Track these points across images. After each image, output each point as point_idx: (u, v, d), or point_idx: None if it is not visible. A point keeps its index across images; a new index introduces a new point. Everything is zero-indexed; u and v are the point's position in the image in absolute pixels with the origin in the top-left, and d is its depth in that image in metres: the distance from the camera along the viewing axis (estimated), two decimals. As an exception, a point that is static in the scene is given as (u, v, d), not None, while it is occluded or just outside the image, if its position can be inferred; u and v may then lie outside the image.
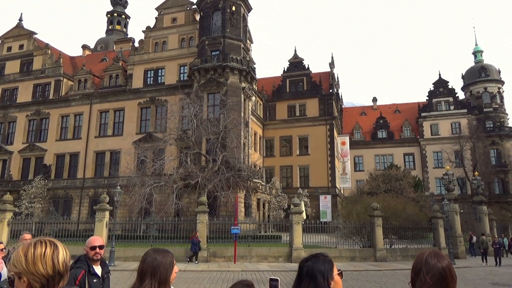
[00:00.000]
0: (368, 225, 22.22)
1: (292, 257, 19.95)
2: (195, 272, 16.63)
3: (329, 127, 49.51)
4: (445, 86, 60.47)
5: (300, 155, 49.40)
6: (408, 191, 35.42)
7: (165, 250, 2.37)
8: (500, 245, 22.07)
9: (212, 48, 37.09)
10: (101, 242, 4.11)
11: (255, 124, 46.72)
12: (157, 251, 2.34)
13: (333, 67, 55.22)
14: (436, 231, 23.94)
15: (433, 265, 2.04)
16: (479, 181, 30.18)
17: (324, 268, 2.06)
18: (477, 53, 63.93)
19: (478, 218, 27.91)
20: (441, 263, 2.05)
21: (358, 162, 60.64)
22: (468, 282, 15.25)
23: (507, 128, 56.83)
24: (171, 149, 32.92)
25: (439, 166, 53.93)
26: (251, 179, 31.79)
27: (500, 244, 22.16)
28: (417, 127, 60.08)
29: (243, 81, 36.57)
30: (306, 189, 42.78)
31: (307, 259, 2.15)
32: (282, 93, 52.82)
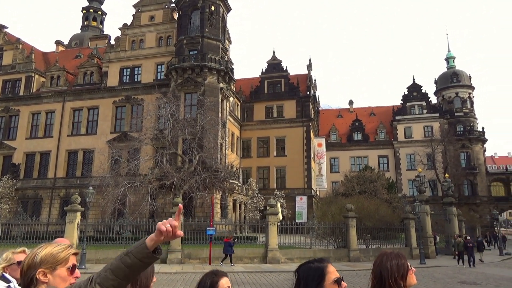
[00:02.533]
0: (342, 226, 22.54)
1: (267, 258, 19.98)
2: (169, 274, 16.39)
3: (306, 129, 49.96)
4: (419, 91, 62.15)
5: (277, 156, 49.62)
6: (381, 192, 36.15)
7: None
8: (473, 245, 22.10)
9: (190, 47, 36.76)
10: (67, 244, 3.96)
11: (232, 125, 46.59)
12: None
13: (310, 69, 55.80)
14: (408, 231, 24.54)
15: (377, 265, 2.15)
16: (449, 183, 31.13)
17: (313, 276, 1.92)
18: (450, 59, 66.03)
19: (448, 219, 28.77)
20: (386, 263, 2.13)
21: (334, 163, 61.49)
22: (437, 281, 15.68)
23: (477, 132, 58.93)
24: (147, 149, 32.40)
25: (412, 168, 55.30)
26: (227, 180, 31.67)
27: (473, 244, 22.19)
28: (391, 130, 61.46)
29: (221, 81, 36.42)
30: (282, 190, 42.97)
31: (302, 265, 2.03)
32: (260, 94, 52.94)
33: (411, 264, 2.22)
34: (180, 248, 19.57)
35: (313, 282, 1.90)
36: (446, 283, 15.05)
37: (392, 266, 2.14)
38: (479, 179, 56.85)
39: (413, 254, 23.69)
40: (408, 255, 23.91)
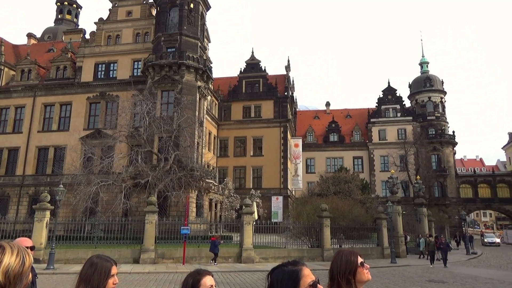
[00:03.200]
0: (316, 225, 22.80)
1: (242, 257, 19.98)
2: (141, 274, 16.13)
3: (283, 129, 50.28)
4: (393, 94, 63.68)
5: (254, 156, 49.72)
6: (356, 193, 36.86)
7: (107, 258, 2.34)
8: (446, 245, 22.38)
9: (168, 44, 36.32)
10: (29, 243, 3.84)
11: (209, 124, 46.35)
12: (99, 257, 2.33)
13: (289, 70, 56.16)
14: (380, 231, 25.07)
15: (331, 263, 2.26)
16: (421, 184, 32.01)
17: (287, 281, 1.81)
18: (423, 64, 67.94)
19: (418, 219, 29.60)
20: (337, 261, 2.22)
21: (310, 164, 62.14)
22: (407, 279, 16.09)
23: (447, 135, 60.90)
24: (121, 146, 31.77)
25: (386, 169, 56.58)
26: (203, 179, 31.46)
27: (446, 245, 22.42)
28: (366, 132, 62.69)
29: (199, 79, 36.15)
30: (258, 190, 43.11)
31: (275, 268, 1.92)
32: (238, 94, 52.91)
33: (364, 261, 2.25)
34: (154, 247, 19.29)
35: (288, 286, 1.80)
36: (415, 282, 15.46)
37: (341, 263, 2.19)
38: (449, 181, 58.79)
39: (384, 254, 24.23)
40: (379, 254, 24.49)
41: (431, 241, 23.00)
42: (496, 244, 45.07)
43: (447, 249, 21.87)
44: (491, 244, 44.79)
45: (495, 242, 45.63)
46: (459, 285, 14.81)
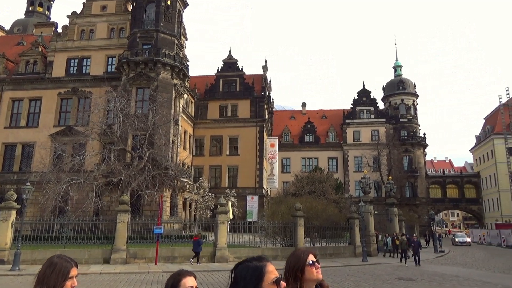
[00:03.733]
0: (291, 225, 22.99)
1: (216, 257, 19.92)
2: (112, 274, 15.80)
3: (259, 129, 50.41)
4: (368, 96, 65.02)
5: (229, 155, 49.62)
6: (330, 193, 37.40)
7: (67, 259, 2.27)
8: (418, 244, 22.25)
9: (144, 41, 35.72)
10: None
11: (185, 122, 45.92)
12: (60, 257, 2.27)
13: (266, 70, 56.38)
14: (352, 230, 25.57)
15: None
16: (392, 184, 32.85)
17: (251, 276, 1.81)
18: (397, 67, 69.72)
19: (389, 218, 30.36)
20: (288, 259, 2.29)
21: (285, 164, 62.63)
22: (377, 277, 16.48)
23: (419, 137, 62.76)
24: (93, 144, 31.01)
25: (359, 170, 57.68)
26: (178, 178, 31.13)
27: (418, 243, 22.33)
28: (341, 132, 63.74)
29: (175, 77, 35.75)
30: (234, 189, 43.03)
31: (239, 263, 1.92)
32: (215, 93, 52.66)
33: (318, 261, 2.26)
34: (125, 247, 18.94)
35: (251, 282, 1.79)
36: (385, 280, 15.85)
37: (292, 260, 2.24)
38: (419, 181, 60.61)
39: (356, 252, 24.73)
40: (352, 253, 24.96)
41: (404, 240, 23.10)
42: (467, 244, 43.78)
43: (419, 248, 22.05)
44: (462, 243, 43.43)
45: (466, 241, 44.23)
46: (426, 282, 15.29)
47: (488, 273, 18.89)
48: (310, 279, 2.21)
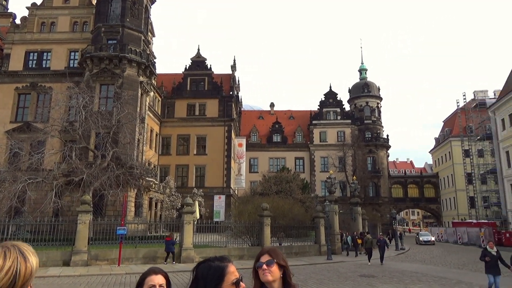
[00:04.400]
0: (257, 224, 23.05)
1: (181, 257, 19.63)
2: (72, 277, 15.20)
3: (227, 128, 50.25)
4: (334, 98, 66.41)
5: (197, 154, 49.13)
6: (296, 192, 37.86)
7: None
8: (384, 243, 22.48)
9: (109, 36, 34.66)
10: None
11: (152, 121, 45.00)
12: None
13: (234, 70, 56.29)
14: (317, 229, 26.00)
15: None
16: (356, 184, 33.72)
17: (212, 276, 1.81)
18: (362, 70, 71.69)
19: (353, 217, 31.14)
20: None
21: (253, 163, 62.83)
22: (340, 275, 16.84)
23: (382, 139, 64.84)
24: (53, 142, 29.72)
25: (325, 170, 58.79)
26: (143, 178, 30.44)
27: (384, 242, 22.57)
28: (308, 133, 64.72)
29: (141, 74, 34.93)
30: (201, 189, 42.66)
31: (201, 262, 1.91)
32: (183, 91, 51.95)
33: (271, 260, 2.25)
34: (86, 249, 18.26)
35: (212, 282, 1.80)
36: (348, 277, 16.23)
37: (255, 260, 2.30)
38: (382, 181, 62.64)
39: (321, 251, 25.16)
40: (317, 251, 25.37)
41: (369, 239, 23.23)
42: (431, 243, 41.84)
43: (385, 247, 22.25)
44: (427, 243, 41.56)
45: (430, 240, 42.24)
46: (387, 279, 15.79)
47: (444, 269, 19.78)
48: (265, 280, 2.20)
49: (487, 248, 12.00)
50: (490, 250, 11.79)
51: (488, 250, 11.89)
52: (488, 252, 11.76)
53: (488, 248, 11.98)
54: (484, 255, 11.77)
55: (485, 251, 11.93)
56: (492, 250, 11.79)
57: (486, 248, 12.09)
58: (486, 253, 11.81)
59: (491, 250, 11.81)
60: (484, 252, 11.94)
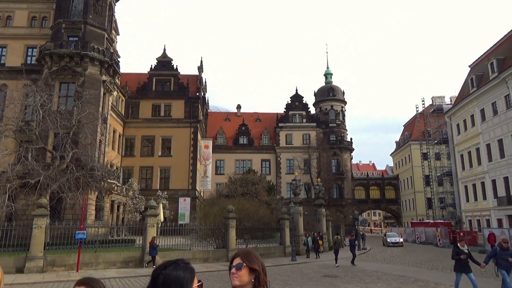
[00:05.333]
0: (223, 226, 22.94)
1: (144, 261, 19.18)
2: (26, 284, 14.44)
3: (193, 130, 49.71)
4: (300, 101, 67.43)
5: (162, 156, 48.22)
6: (262, 194, 38.01)
7: None
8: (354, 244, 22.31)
9: (70, 33, 33.37)
10: None
11: (115, 121, 43.73)
12: None
13: (201, 71, 55.84)
14: (282, 231, 26.23)
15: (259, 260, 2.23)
16: (321, 186, 34.32)
17: (184, 278, 1.74)
18: (328, 75, 73.30)
19: (317, 219, 31.68)
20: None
21: (219, 165, 62.56)
22: (304, 276, 17.07)
23: (346, 142, 66.53)
24: (7, 142, 28.11)
25: (291, 172, 59.48)
26: (105, 180, 29.44)
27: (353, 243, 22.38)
28: (274, 135, 65.28)
29: (104, 73, 33.86)
30: (166, 191, 41.89)
31: (165, 265, 1.80)
32: (148, 91, 50.86)
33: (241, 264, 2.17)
34: (42, 254, 17.41)
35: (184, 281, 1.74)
36: (311, 278, 16.47)
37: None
38: (346, 183, 64.23)
39: (286, 252, 25.40)
40: (281, 253, 25.59)
41: (338, 239, 22.77)
42: (400, 245, 39.26)
43: (355, 247, 22.15)
44: (395, 244, 39.08)
45: (398, 242, 39.59)
46: (349, 279, 16.17)
47: (403, 267, 20.54)
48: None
49: (459, 247, 11.73)
50: (462, 249, 11.59)
51: (460, 248, 11.65)
52: (461, 251, 11.55)
53: (460, 246, 11.74)
54: (457, 254, 11.54)
55: (457, 250, 11.67)
56: (464, 248, 11.63)
57: (458, 246, 11.80)
58: (459, 251, 11.58)
59: (463, 248, 11.62)
60: (456, 250, 11.69)
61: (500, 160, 38.45)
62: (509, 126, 36.70)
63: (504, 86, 37.33)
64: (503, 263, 10.94)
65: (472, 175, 43.86)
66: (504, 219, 37.67)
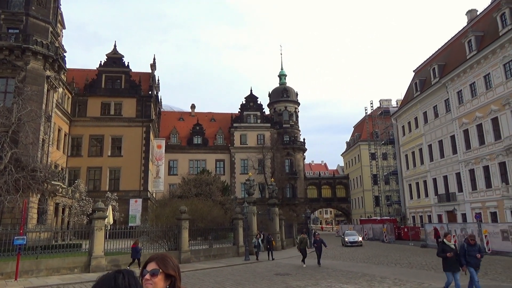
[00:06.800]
0: (175, 228, 22.51)
1: (91, 266, 18.30)
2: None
3: (145, 129, 48.32)
4: (255, 101, 67.90)
5: (112, 156, 46.35)
6: (216, 195, 37.81)
7: None
8: (320, 243, 21.00)
9: (10, 24, 31.18)
10: None
11: (60, 119, 41.42)
12: None
13: (154, 69, 54.48)
14: (236, 231, 26.25)
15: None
16: (274, 186, 34.78)
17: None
18: (282, 76, 74.41)
19: (271, 218, 32.04)
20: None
21: (172, 166, 61.40)
22: (257, 275, 17.18)
23: (299, 142, 67.94)
24: None
25: (245, 172, 59.69)
26: (48, 181, 27.80)
27: (320, 242, 21.13)
28: (229, 136, 65.20)
29: (48, 68, 31.97)
30: (116, 192, 40.33)
31: (103, 279, 1.68)
32: (97, 89, 48.67)
33: (158, 269, 2.04)
34: (-25, 263, 16.07)
35: None
36: (264, 276, 16.61)
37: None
38: (299, 183, 65.60)
39: (239, 252, 25.44)
40: (235, 253, 25.59)
41: (304, 238, 21.70)
42: (358, 244, 35.40)
43: (321, 247, 20.88)
44: (353, 244, 35.27)
45: (357, 241, 35.66)
46: (301, 276, 16.51)
47: (352, 263, 21.31)
48: None
49: (445, 242, 10.20)
50: (449, 244, 10.16)
51: (446, 243, 10.15)
52: (447, 246, 10.06)
53: (446, 241, 10.21)
54: (443, 250, 10.04)
55: (443, 246, 10.13)
56: (451, 243, 10.23)
57: (444, 242, 10.24)
58: (445, 247, 10.08)
59: (450, 243, 10.19)
60: (442, 246, 10.14)
61: (440, 160, 41.17)
62: (449, 128, 39.42)
63: (444, 90, 40.03)
64: (471, 260, 9.96)
65: (416, 174, 46.57)
66: (444, 215, 40.41)
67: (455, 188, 38.48)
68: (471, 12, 40.65)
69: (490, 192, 33.24)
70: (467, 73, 36.06)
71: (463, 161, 36.74)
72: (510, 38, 30.33)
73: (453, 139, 38.59)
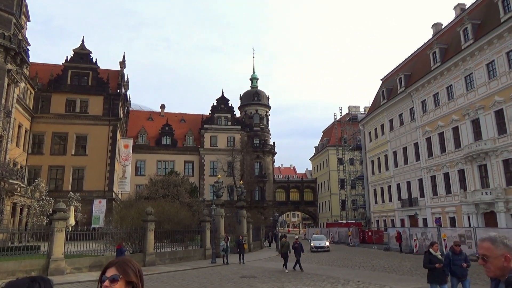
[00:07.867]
0: (140, 230, 21.99)
1: (49, 269, 17.52)
2: None
3: (112, 128, 46.96)
4: (226, 104, 67.72)
5: (75, 155, 44.68)
6: (184, 196, 37.26)
7: None
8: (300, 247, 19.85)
9: (-31, 13, 29.48)
10: None
11: (21, 115, 39.57)
12: None
13: (123, 66, 53.20)
14: (203, 233, 26.00)
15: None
16: (243, 188, 34.74)
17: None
18: (254, 79, 74.63)
19: (239, 220, 31.97)
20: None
21: (140, 166, 60.10)
22: (223, 277, 17.07)
23: (269, 145, 68.34)
24: None
25: (214, 174, 59.28)
26: (6, 179, 26.48)
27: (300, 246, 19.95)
28: (199, 137, 64.62)
29: (9, 61, 30.51)
30: (79, 192, 38.85)
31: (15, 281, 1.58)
32: (62, 85, 46.84)
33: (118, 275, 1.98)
34: None
35: None
36: (230, 279, 16.53)
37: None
38: (268, 186, 65.93)
39: (206, 254, 25.20)
40: (202, 255, 25.33)
41: (286, 242, 20.76)
42: (326, 249, 32.98)
43: (301, 251, 19.79)
44: (318, 249, 32.70)
45: (324, 246, 33.14)
46: (266, 279, 16.55)
47: (317, 266, 21.60)
48: None
49: (431, 252, 9.26)
50: (436, 254, 9.24)
51: (433, 254, 9.23)
52: (435, 257, 9.17)
53: (433, 252, 9.26)
54: (430, 261, 9.13)
55: (430, 256, 9.21)
56: (437, 253, 9.30)
57: (430, 252, 9.28)
58: (431, 258, 9.17)
59: (437, 254, 9.27)
60: (429, 257, 9.22)
61: (404, 166, 42.62)
62: (412, 135, 40.91)
63: (409, 99, 41.53)
64: (456, 269, 9.11)
65: (381, 179, 47.96)
66: (406, 219, 41.81)
67: (417, 193, 39.94)
68: (436, 25, 42.49)
69: (449, 197, 34.74)
70: (431, 83, 37.58)
71: (425, 167, 38.19)
72: (471, 52, 31.90)
73: (417, 147, 40.06)
